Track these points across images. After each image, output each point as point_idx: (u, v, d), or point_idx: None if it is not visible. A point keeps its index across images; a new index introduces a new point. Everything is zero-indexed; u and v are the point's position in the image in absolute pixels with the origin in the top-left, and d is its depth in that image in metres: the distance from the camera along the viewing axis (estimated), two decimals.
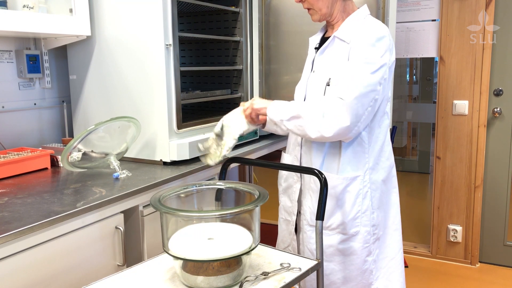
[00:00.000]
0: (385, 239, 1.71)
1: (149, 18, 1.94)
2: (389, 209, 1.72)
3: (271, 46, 2.48)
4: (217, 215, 1.28)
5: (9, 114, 2.14)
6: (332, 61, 1.62)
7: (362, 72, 1.50)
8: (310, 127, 1.52)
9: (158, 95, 1.98)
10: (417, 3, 3.02)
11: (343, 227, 1.63)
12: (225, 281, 1.19)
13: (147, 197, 1.71)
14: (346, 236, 1.63)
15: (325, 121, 1.50)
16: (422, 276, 2.99)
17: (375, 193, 1.65)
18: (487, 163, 3.03)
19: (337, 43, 1.62)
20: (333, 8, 1.63)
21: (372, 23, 1.58)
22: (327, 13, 1.63)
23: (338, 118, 1.49)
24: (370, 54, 1.51)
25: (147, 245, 1.75)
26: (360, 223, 1.63)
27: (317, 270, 1.37)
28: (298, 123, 1.54)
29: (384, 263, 1.71)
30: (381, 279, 1.70)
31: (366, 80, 1.50)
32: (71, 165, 1.87)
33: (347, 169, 1.61)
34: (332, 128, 1.49)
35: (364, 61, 1.51)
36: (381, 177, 1.67)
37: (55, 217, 1.37)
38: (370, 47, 1.52)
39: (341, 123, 1.49)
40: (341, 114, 1.49)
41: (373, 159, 1.64)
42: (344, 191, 1.61)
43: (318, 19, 1.66)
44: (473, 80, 2.94)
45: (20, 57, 2.15)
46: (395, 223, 1.74)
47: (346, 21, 1.62)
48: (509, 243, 3.07)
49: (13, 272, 1.30)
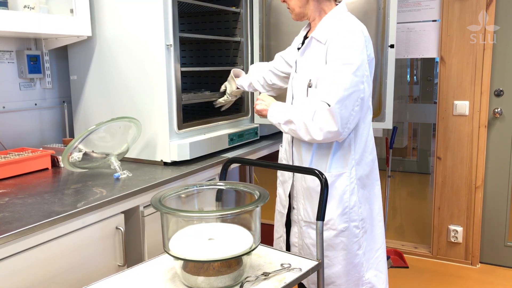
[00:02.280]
0: (371, 231, 1.76)
1: (150, 19, 1.94)
2: (374, 202, 1.77)
3: (271, 47, 2.48)
4: (217, 216, 1.28)
5: (10, 115, 2.14)
6: (311, 62, 1.64)
7: (343, 74, 1.52)
8: (301, 132, 1.58)
9: (159, 96, 1.98)
10: (417, 4, 3.02)
11: (332, 223, 1.67)
12: (226, 282, 1.19)
13: (147, 197, 1.72)
14: (336, 232, 1.67)
15: (314, 125, 1.54)
16: (422, 277, 2.99)
17: (361, 188, 1.70)
18: (488, 163, 3.03)
19: (314, 43, 1.64)
20: (306, 8, 1.65)
21: (344, 22, 1.59)
22: (301, 13, 1.67)
23: (325, 123, 1.53)
24: (348, 54, 1.52)
25: (147, 246, 1.75)
26: (348, 218, 1.67)
27: (318, 271, 1.37)
28: (291, 127, 1.61)
29: (372, 254, 1.76)
30: (371, 270, 1.75)
31: (348, 82, 1.51)
32: (71, 165, 1.87)
33: (334, 166, 1.66)
34: (321, 132, 1.54)
35: (342, 62, 1.52)
36: (365, 171, 1.71)
37: (55, 218, 1.37)
38: (347, 47, 1.53)
39: (328, 128, 1.53)
40: (327, 119, 1.52)
41: (358, 155, 1.68)
42: (332, 187, 1.64)
43: (295, 18, 1.71)
44: (473, 80, 2.94)
45: (21, 58, 2.15)
46: (379, 214, 1.79)
47: (322, 21, 1.64)
48: (509, 243, 3.07)
49: (13, 272, 1.30)
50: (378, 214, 1.79)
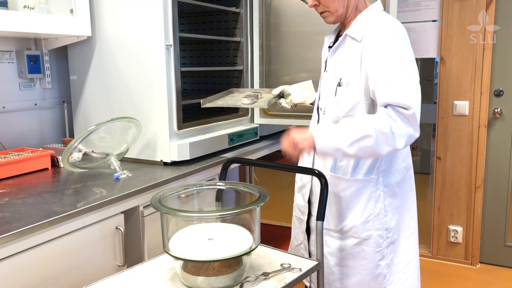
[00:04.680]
0: (399, 243, 1.65)
1: (150, 19, 1.94)
2: (405, 212, 1.66)
3: (271, 47, 2.48)
4: (217, 216, 1.28)
5: (10, 115, 2.14)
6: (343, 60, 1.57)
7: (407, 71, 1.43)
8: (380, 145, 1.39)
9: (159, 96, 1.98)
10: (417, 4, 3.02)
11: (354, 230, 1.59)
12: (226, 282, 1.19)
13: (147, 197, 1.72)
14: (358, 240, 1.60)
15: (395, 134, 1.39)
16: (422, 277, 2.97)
17: (389, 196, 1.60)
18: (488, 163, 3.03)
19: (348, 41, 1.57)
20: (348, 8, 1.56)
21: (386, 19, 1.52)
22: (343, 14, 1.57)
23: (407, 128, 1.40)
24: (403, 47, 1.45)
25: (147, 246, 1.75)
26: (372, 226, 1.59)
27: (318, 271, 1.37)
28: (365, 144, 1.39)
29: (399, 267, 1.65)
30: (396, 284, 1.65)
31: (415, 79, 1.44)
32: (71, 165, 1.87)
33: (359, 171, 1.58)
34: (403, 140, 1.40)
35: (401, 57, 1.43)
36: (396, 179, 1.61)
37: (55, 218, 1.37)
38: (400, 39, 1.45)
39: (410, 132, 1.41)
40: (408, 124, 1.40)
41: (386, 161, 1.58)
42: (357, 193, 1.57)
43: (333, 21, 1.60)
44: (473, 80, 2.94)
45: (21, 58, 2.15)
46: (411, 227, 1.69)
47: (358, 18, 1.56)
48: (509, 243, 3.07)
49: (13, 273, 1.30)
50: (410, 227, 1.67)
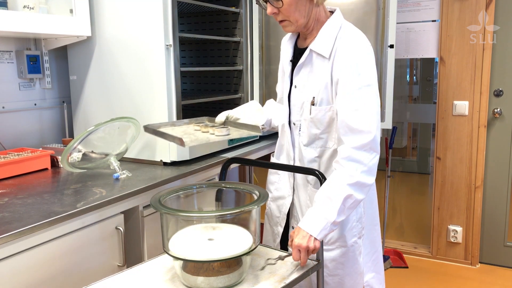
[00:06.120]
0: (369, 235, 1.68)
1: (150, 19, 1.94)
2: (371, 207, 1.69)
3: (271, 47, 2.48)
4: (217, 216, 1.29)
5: (10, 115, 2.14)
6: (313, 79, 1.53)
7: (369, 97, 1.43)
8: (360, 193, 1.40)
9: (159, 96, 1.98)
10: (417, 4, 3.02)
11: (342, 240, 1.58)
12: (226, 282, 1.19)
13: (147, 197, 1.72)
14: (346, 249, 1.59)
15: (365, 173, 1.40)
16: (422, 277, 2.99)
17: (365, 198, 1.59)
18: (487, 163, 3.03)
19: (315, 58, 1.52)
20: (309, 17, 1.50)
21: (349, 35, 1.48)
22: (303, 24, 1.50)
23: (372, 159, 1.41)
24: (365, 74, 1.44)
25: (147, 246, 1.75)
26: (356, 232, 1.60)
27: (318, 271, 1.37)
28: (349, 203, 1.38)
29: (369, 257, 1.71)
30: (371, 273, 1.72)
31: (377, 105, 1.44)
32: (71, 165, 1.87)
33: None
34: (373, 169, 1.42)
35: (367, 83, 1.43)
36: None
37: (55, 218, 1.37)
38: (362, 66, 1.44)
39: (375, 159, 1.42)
40: (371, 152, 1.41)
41: None
42: None
43: (293, 30, 1.54)
44: (473, 80, 2.94)
45: (21, 58, 2.15)
46: (375, 218, 1.73)
47: (322, 32, 1.51)
48: (509, 243, 3.07)
49: (13, 273, 1.30)
50: (374, 218, 1.71)
